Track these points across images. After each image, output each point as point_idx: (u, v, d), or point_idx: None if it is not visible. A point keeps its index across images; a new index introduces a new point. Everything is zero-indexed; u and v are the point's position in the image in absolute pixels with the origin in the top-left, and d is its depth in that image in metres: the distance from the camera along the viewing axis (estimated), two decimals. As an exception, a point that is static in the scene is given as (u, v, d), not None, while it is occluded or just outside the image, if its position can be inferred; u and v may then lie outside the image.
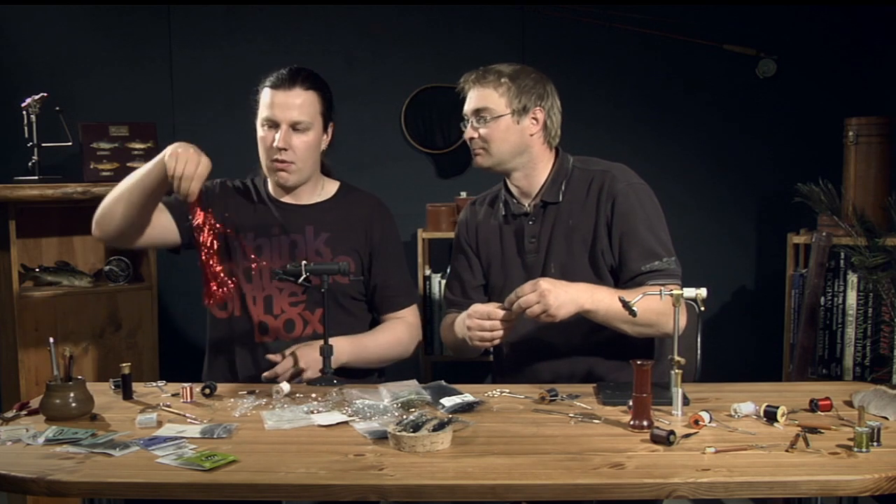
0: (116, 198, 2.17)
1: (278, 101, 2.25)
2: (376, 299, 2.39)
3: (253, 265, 2.30)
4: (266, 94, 2.27)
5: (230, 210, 2.34)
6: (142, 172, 2.14)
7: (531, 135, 2.23)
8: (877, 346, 3.03)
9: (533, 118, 2.22)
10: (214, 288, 2.15)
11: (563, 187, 2.26)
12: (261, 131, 2.28)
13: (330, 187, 2.42)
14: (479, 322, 2.06)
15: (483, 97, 2.21)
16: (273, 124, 2.25)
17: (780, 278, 3.30)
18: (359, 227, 2.37)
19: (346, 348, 2.23)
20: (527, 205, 2.29)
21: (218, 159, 2.91)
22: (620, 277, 2.20)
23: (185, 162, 2.02)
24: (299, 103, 2.26)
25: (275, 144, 2.25)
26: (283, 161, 2.27)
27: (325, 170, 2.42)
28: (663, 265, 2.15)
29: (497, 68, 2.23)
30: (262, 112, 2.27)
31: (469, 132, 2.24)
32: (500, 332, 2.06)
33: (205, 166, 2.04)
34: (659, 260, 2.15)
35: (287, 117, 2.25)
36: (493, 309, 2.05)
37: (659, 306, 2.00)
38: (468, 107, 2.25)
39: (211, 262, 2.14)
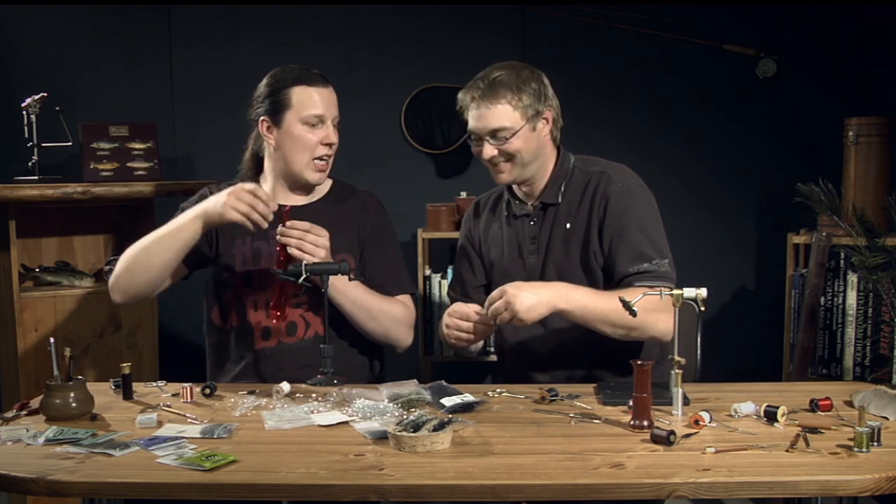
0: (142, 262, 2.18)
1: (323, 99, 2.25)
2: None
3: (252, 270, 2.30)
4: (307, 92, 2.24)
5: None
6: (175, 232, 2.15)
7: (544, 136, 2.22)
8: (877, 346, 3.03)
9: (544, 119, 2.20)
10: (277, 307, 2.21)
11: (562, 188, 2.25)
12: (303, 129, 2.24)
13: (323, 185, 2.40)
14: (458, 322, 2.08)
15: (498, 116, 2.13)
16: (320, 121, 2.25)
17: (780, 278, 3.30)
18: (352, 222, 2.36)
19: (343, 281, 2.20)
20: (529, 205, 2.28)
21: (218, 159, 2.92)
22: (611, 279, 2.17)
23: (248, 207, 2.07)
24: (335, 100, 2.29)
25: (328, 140, 2.26)
26: (328, 157, 2.29)
27: None
28: (652, 267, 2.12)
29: (498, 79, 2.14)
30: (307, 110, 2.23)
31: (488, 151, 2.16)
32: (473, 336, 2.08)
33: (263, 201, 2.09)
34: (648, 262, 2.12)
35: (332, 114, 2.27)
36: (472, 312, 2.06)
37: (643, 306, 1.98)
38: (480, 125, 2.15)
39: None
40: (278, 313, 2.22)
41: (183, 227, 2.15)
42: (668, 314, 1.95)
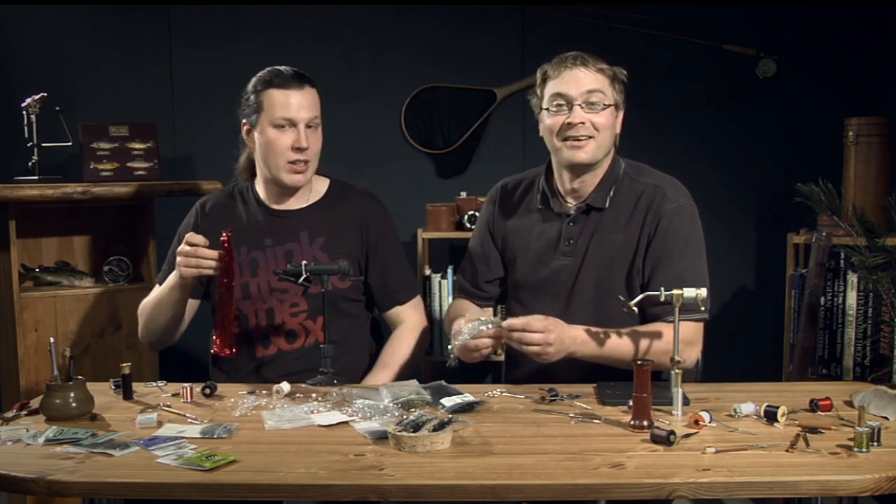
0: (151, 323, 2.29)
1: (294, 101, 2.22)
2: (377, 297, 2.37)
3: (250, 280, 2.29)
4: (277, 95, 2.22)
5: (222, 229, 2.30)
6: (167, 297, 2.22)
7: (616, 132, 2.19)
8: (877, 346, 3.03)
9: (621, 114, 2.18)
10: (221, 339, 2.18)
11: (611, 193, 2.18)
12: (273, 133, 2.23)
13: (320, 186, 2.39)
14: (478, 342, 2.02)
15: (599, 79, 2.11)
16: (290, 124, 2.22)
17: (780, 278, 3.30)
18: (353, 227, 2.34)
19: (384, 375, 2.26)
20: (572, 205, 2.21)
21: (218, 159, 2.91)
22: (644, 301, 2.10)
23: (196, 261, 2.08)
24: (311, 101, 2.25)
25: (299, 144, 2.22)
26: (303, 161, 2.25)
27: None
28: None
29: (593, 56, 2.14)
30: (276, 113, 2.22)
31: (580, 115, 2.09)
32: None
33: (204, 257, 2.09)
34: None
35: (304, 116, 2.23)
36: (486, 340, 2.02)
37: (664, 347, 2.00)
38: (575, 88, 2.10)
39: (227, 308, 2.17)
40: (226, 349, 2.18)
41: (171, 292, 2.21)
42: (693, 349, 2.05)
